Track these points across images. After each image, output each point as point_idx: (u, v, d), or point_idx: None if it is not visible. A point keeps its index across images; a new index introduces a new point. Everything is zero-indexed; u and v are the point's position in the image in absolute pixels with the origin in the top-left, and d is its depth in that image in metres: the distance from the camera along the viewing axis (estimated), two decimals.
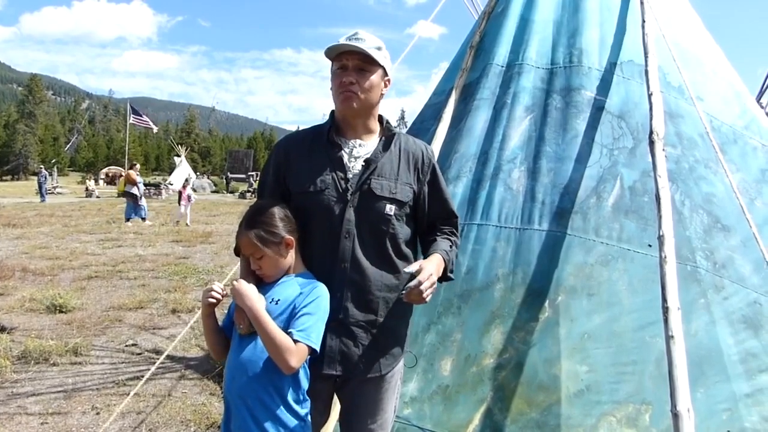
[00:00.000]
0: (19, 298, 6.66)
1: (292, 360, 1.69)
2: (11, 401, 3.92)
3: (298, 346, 1.70)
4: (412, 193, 1.94)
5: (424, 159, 1.99)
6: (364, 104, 1.90)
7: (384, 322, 1.92)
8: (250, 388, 1.76)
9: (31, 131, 67.55)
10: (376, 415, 1.98)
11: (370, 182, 1.88)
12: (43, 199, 25.15)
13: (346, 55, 1.86)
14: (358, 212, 1.86)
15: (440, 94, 3.94)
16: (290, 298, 1.79)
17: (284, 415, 1.77)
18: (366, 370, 1.91)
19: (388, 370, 1.96)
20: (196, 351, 5.12)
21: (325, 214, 1.87)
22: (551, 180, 3.08)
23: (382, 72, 1.93)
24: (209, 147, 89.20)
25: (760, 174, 3.48)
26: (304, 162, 1.95)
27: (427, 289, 1.76)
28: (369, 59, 1.86)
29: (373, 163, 1.90)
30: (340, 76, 1.87)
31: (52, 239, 11.82)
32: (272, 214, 1.83)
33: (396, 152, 1.96)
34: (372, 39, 1.88)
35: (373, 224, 1.87)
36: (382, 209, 1.88)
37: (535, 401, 2.58)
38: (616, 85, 3.36)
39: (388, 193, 1.89)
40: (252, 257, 1.85)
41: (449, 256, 1.96)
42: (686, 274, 2.79)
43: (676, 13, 4.04)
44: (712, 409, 2.54)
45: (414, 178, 1.96)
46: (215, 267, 9.12)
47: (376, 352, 1.92)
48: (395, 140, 1.97)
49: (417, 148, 2.00)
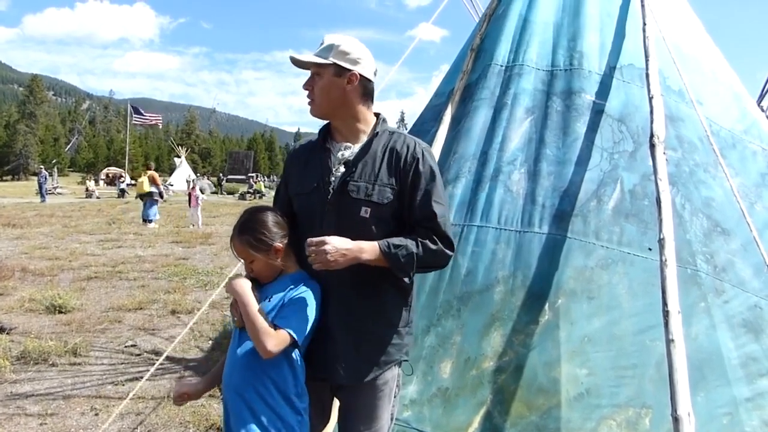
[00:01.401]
0: (18, 298, 6.66)
1: (269, 342, 1.72)
2: (10, 402, 3.91)
3: (278, 332, 1.75)
4: (392, 194, 1.87)
5: (407, 157, 1.89)
6: (324, 108, 1.93)
7: (365, 327, 1.89)
8: (247, 380, 1.80)
9: (32, 132, 67.65)
10: (370, 422, 1.95)
11: (348, 185, 1.87)
12: (43, 200, 25.16)
13: (306, 66, 1.92)
14: (337, 215, 1.87)
15: (441, 96, 3.94)
16: (281, 293, 1.86)
17: (281, 408, 1.79)
18: (347, 376, 1.89)
19: (372, 377, 1.90)
20: (195, 352, 5.11)
21: (308, 216, 1.93)
22: (551, 183, 3.08)
23: (335, 69, 1.87)
24: (209, 148, 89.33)
25: (759, 178, 3.47)
26: (300, 167, 2.02)
27: (313, 252, 1.73)
28: (316, 64, 1.88)
29: (351, 166, 1.89)
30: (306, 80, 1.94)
31: (52, 240, 11.83)
32: (263, 221, 1.89)
33: (380, 152, 1.90)
34: (329, 39, 1.90)
35: (350, 227, 1.84)
36: (358, 212, 1.85)
37: (534, 404, 2.58)
38: (616, 89, 3.36)
39: (363, 195, 1.85)
40: (244, 260, 1.92)
41: (392, 249, 1.80)
42: (687, 277, 2.79)
43: (677, 16, 4.05)
44: (712, 413, 2.53)
45: (395, 179, 1.88)
46: (215, 268, 9.11)
47: (358, 359, 1.88)
48: (377, 139, 1.92)
49: (403, 146, 1.91)
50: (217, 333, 5.63)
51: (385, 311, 1.91)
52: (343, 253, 1.75)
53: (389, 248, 1.81)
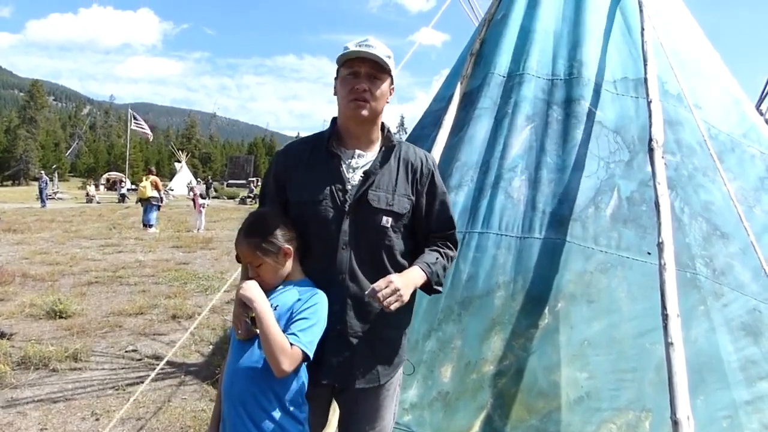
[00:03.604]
0: (19, 303, 6.65)
1: (285, 362, 1.68)
2: (11, 407, 3.91)
3: (293, 350, 1.70)
4: (409, 205, 1.93)
5: (422, 169, 1.96)
6: (374, 112, 1.88)
7: (382, 333, 1.93)
8: (249, 392, 1.77)
9: (32, 137, 67.73)
10: (375, 422, 1.99)
11: (368, 194, 1.87)
12: (43, 205, 25.16)
13: (359, 62, 1.85)
14: (355, 224, 1.86)
15: (440, 101, 3.96)
16: (288, 304, 1.80)
17: (283, 420, 1.77)
18: (365, 381, 1.92)
19: (387, 379, 1.96)
20: (196, 357, 5.11)
21: (322, 225, 1.86)
22: (552, 189, 3.10)
23: (390, 80, 1.94)
24: (210, 153, 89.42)
25: (758, 182, 3.48)
26: (302, 172, 1.93)
27: (386, 297, 1.73)
28: (381, 67, 1.86)
29: (372, 176, 1.89)
30: (352, 82, 1.85)
31: (53, 245, 11.83)
32: (271, 223, 1.84)
33: (395, 163, 1.94)
34: (382, 46, 1.88)
35: (370, 236, 1.87)
36: (379, 221, 1.87)
37: (535, 408, 2.59)
38: (611, 102, 3.39)
39: (384, 205, 1.88)
40: (251, 265, 1.86)
41: (432, 268, 1.92)
42: (686, 281, 2.80)
43: (675, 20, 4.07)
44: (712, 417, 2.54)
45: (412, 189, 1.94)
46: (215, 273, 9.12)
47: (375, 363, 1.92)
48: (395, 151, 1.96)
49: (417, 158, 1.98)
50: (218, 337, 5.63)
51: (399, 316, 1.94)
52: (408, 286, 1.83)
53: (430, 268, 1.91)
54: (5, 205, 24.66)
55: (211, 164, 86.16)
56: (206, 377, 4.53)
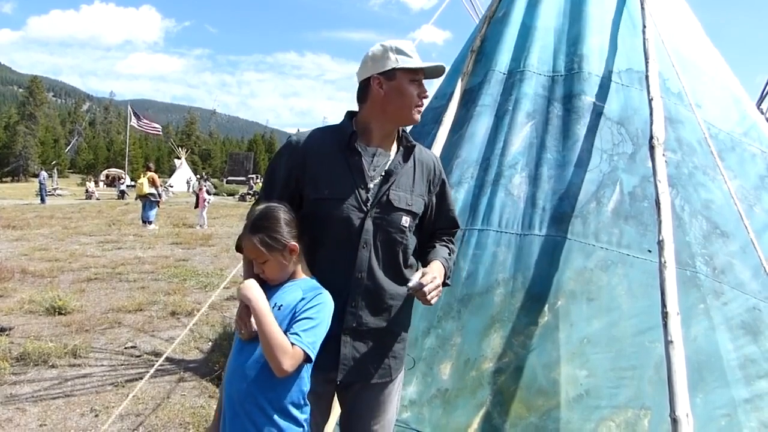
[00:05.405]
0: (18, 299, 6.65)
1: (285, 362, 1.65)
2: (10, 403, 3.91)
3: (294, 350, 1.67)
4: (423, 205, 1.99)
5: (435, 171, 2.04)
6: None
7: (394, 329, 1.98)
8: (249, 393, 1.74)
9: (32, 133, 67.63)
10: (380, 417, 2.01)
11: (389, 194, 1.89)
12: (43, 201, 25.14)
13: (421, 71, 1.94)
14: (376, 223, 1.87)
15: (441, 98, 3.95)
16: (292, 303, 1.77)
17: (283, 422, 1.75)
18: (379, 376, 1.97)
19: (397, 374, 2.03)
20: (195, 353, 5.12)
21: (342, 223, 1.84)
22: (552, 187, 3.09)
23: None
24: (209, 149, 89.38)
25: (759, 180, 3.48)
26: (323, 167, 1.89)
27: (431, 291, 1.79)
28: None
29: (393, 175, 1.91)
30: (419, 87, 1.94)
31: (52, 241, 11.82)
32: (277, 218, 1.80)
33: (411, 164, 1.98)
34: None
35: (389, 235, 1.90)
36: (399, 221, 1.90)
37: (534, 406, 2.59)
38: (616, 92, 3.38)
39: (405, 205, 1.92)
40: (255, 261, 1.83)
41: (448, 263, 2.01)
42: (686, 279, 2.79)
43: (677, 19, 4.06)
44: (711, 415, 2.54)
45: (426, 189, 2.00)
46: (215, 269, 9.12)
47: (388, 359, 1.97)
48: (414, 151, 2.00)
49: (429, 160, 2.04)
50: (217, 334, 5.64)
51: (408, 312, 2.03)
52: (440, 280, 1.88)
53: (447, 263, 2.00)
54: (4, 202, 24.65)
55: (211, 161, 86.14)
56: (205, 374, 4.53)
